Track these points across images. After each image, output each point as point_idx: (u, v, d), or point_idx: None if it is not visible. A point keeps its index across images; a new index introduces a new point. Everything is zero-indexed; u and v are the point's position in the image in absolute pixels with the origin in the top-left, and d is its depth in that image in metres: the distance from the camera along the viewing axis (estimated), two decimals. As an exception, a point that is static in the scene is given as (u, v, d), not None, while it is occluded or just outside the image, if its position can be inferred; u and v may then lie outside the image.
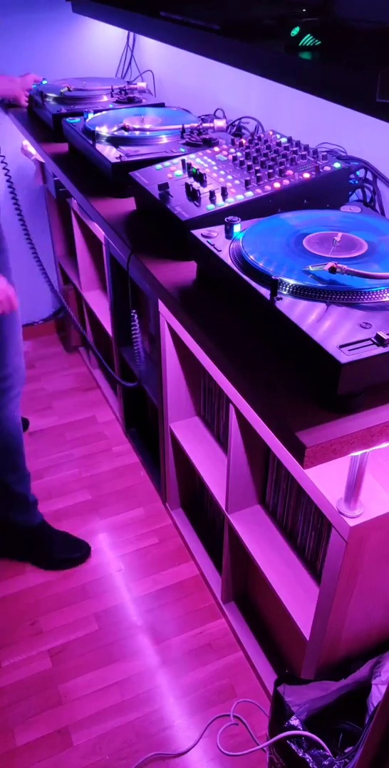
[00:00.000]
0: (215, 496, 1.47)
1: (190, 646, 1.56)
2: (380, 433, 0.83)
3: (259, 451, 1.34)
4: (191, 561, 1.77)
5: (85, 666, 1.52)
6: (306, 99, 1.60)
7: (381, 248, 1.01)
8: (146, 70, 2.44)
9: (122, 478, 2.06)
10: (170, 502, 1.88)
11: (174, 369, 1.58)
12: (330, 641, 1.12)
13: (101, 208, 1.49)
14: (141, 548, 1.82)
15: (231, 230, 1.09)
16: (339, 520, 0.96)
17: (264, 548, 1.34)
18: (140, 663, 1.53)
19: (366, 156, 1.44)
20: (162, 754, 1.36)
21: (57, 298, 2.41)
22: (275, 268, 0.95)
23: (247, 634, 1.56)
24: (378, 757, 0.78)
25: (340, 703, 1.19)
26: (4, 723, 1.41)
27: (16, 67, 2.26)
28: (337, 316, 0.85)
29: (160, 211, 1.30)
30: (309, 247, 1.01)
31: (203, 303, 1.10)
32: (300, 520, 1.29)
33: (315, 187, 1.27)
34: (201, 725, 1.40)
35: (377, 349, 0.79)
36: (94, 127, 1.65)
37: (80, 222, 2.18)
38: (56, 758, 1.35)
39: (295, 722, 1.08)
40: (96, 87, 2.07)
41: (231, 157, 1.39)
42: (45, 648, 1.56)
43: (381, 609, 1.14)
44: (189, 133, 1.65)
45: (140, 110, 1.85)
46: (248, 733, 1.39)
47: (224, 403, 1.52)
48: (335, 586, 1.02)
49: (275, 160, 1.34)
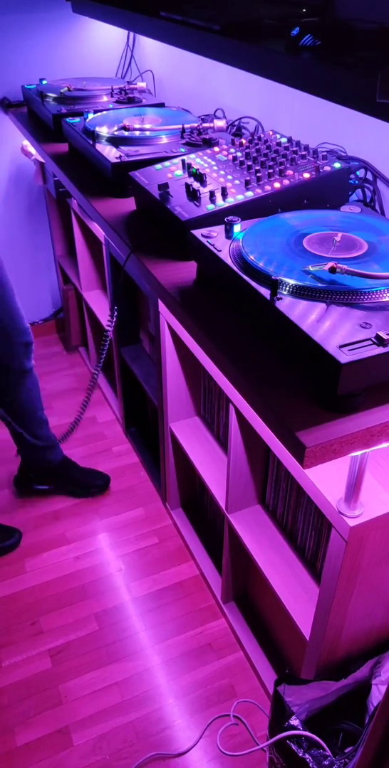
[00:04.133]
0: (215, 496, 1.47)
1: (190, 646, 1.56)
2: (380, 433, 0.83)
3: (259, 451, 1.34)
4: (191, 561, 1.77)
5: (85, 666, 1.52)
6: (306, 99, 1.60)
7: (381, 248, 1.01)
8: (146, 70, 2.44)
9: (122, 478, 2.06)
10: (170, 502, 1.88)
11: (174, 369, 1.58)
12: (330, 641, 1.12)
13: (100, 208, 1.49)
14: (141, 548, 1.82)
15: (231, 230, 1.09)
16: (339, 520, 0.96)
17: (264, 548, 1.34)
18: (140, 663, 1.53)
19: (366, 156, 1.44)
20: (162, 754, 1.36)
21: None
22: (275, 268, 0.95)
23: (247, 634, 1.56)
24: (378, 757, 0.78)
25: (340, 703, 1.19)
26: (4, 723, 1.41)
27: (15, 67, 2.26)
28: (337, 316, 0.85)
29: (160, 211, 1.30)
30: (309, 247, 1.01)
31: (203, 303, 1.10)
32: (300, 520, 1.29)
33: (315, 187, 1.27)
34: (201, 725, 1.40)
35: (377, 349, 0.79)
36: (94, 127, 1.65)
37: (80, 222, 2.18)
38: (56, 758, 1.35)
39: (295, 722, 1.08)
40: (96, 87, 2.07)
41: (231, 157, 1.39)
42: (45, 648, 1.56)
43: (381, 609, 1.14)
44: (189, 133, 1.65)
45: (140, 110, 1.85)
46: (248, 733, 1.39)
47: (224, 403, 1.52)
48: (335, 586, 1.02)
49: (275, 160, 1.34)
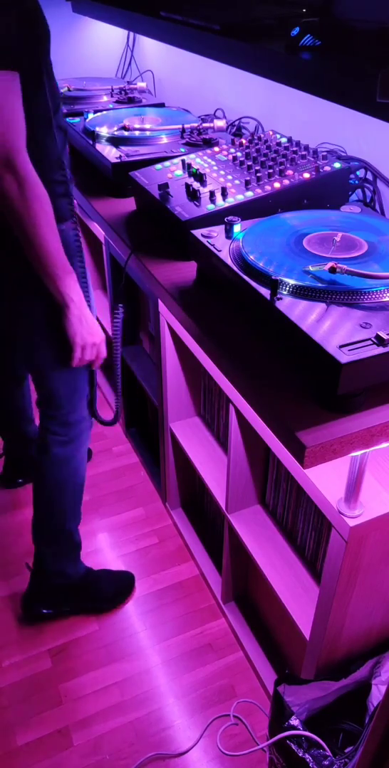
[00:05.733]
0: (215, 496, 1.47)
1: (190, 646, 1.56)
2: (380, 433, 0.83)
3: (259, 451, 1.34)
4: (191, 561, 1.77)
5: (85, 666, 1.52)
6: (306, 99, 1.60)
7: (381, 248, 1.01)
8: (146, 70, 2.44)
9: (122, 478, 2.06)
10: (170, 502, 1.88)
11: (174, 369, 1.57)
12: (330, 641, 1.12)
13: (100, 208, 1.49)
14: (141, 548, 1.82)
15: (231, 230, 1.09)
16: (339, 520, 0.96)
17: (264, 548, 1.34)
18: (140, 663, 1.53)
19: (366, 156, 1.44)
20: (162, 754, 1.36)
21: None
22: (275, 268, 0.95)
23: (247, 634, 1.56)
24: (378, 757, 0.78)
25: (340, 703, 1.19)
26: (4, 723, 1.41)
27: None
28: (337, 316, 0.85)
29: (160, 211, 1.30)
30: (309, 247, 1.01)
31: (203, 303, 1.10)
32: (300, 520, 1.29)
33: (315, 187, 1.27)
34: (201, 725, 1.40)
35: (377, 349, 0.79)
36: (95, 127, 1.65)
37: (80, 222, 2.18)
38: (56, 758, 1.35)
39: (295, 722, 1.08)
40: (96, 87, 2.07)
41: (231, 157, 1.39)
42: (45, 648, 1.56)
43: (381, 609, 1.14)
44: (189, 133, 1.65)
45: (140, 110, 1.85)
46: (248, 733, 1.39)
47: (224, 403, 1.52)
48: (335, 586, 1.02)
49: (275, 160, 1.34)
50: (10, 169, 1.02)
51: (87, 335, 1.23)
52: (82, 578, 1.61)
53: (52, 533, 1.50)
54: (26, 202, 1.05)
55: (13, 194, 1.04)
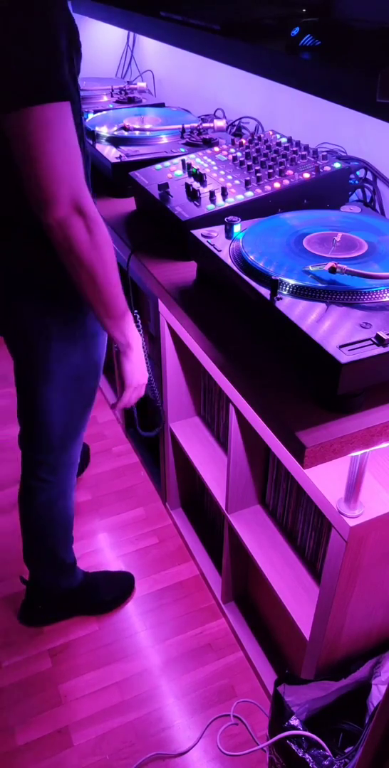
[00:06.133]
0: (215, 496, 1.47)
1: (190, 646, 1.56)
2: (380, 433, 0.83)
3: (259, 451, 1.34)
4: (191, 561, 1.77)
5: (85, 666, 1.52)
6: (306, 99, 1.60)
7: (381, 248, 1.01)
8: (146, 70, 2.44)
9: (122, 478, 2.06)
10: (170, 502, 1.88)
11: (174, 369, 1.57)
12: (330, 641, 1.12)
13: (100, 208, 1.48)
14: (141, 548, 1.82)
15: (231, 230, 1.09)
16: (339, 520, 0.96)
17: (264, 548, 1.34)
18: (140, 663, 1.53)
19: (366, 156, 1.44)
20: (162, 754, 1.36)
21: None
22: (275, 268, 0.95)
23: (247, 634, 1.56)
24: (378, 757, 0.78)
25: (340, 703, 1.19)
26: (4, 723, 1.41)
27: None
28: (337, 316, 0.85)
29: (160, 211, 1.30)
30: (309, 247, 1.01)
31: (203, 303, 1.10)
32: (300, 520, 1.29)
33: (315, 187, 1.27)
34: (201, 725, 1.40)
35: (377, 349, 0.79)
36: (95, 127, 1.65)
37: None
38: (56, 758, 1.35)
39: (295, 722, 1.08)
40: (96, 87, 2.07)
41: (231, 157, 1.39)
42: (45, 648, 1.56)
43: (381, 609, 1.14)
44: (189, 133, 1.65)
45: (140, 110, 1.85)
46: (248, 733, 1.39)
47: (224, 403, 1.52)
48: (335, 586, 1.02)
49: (275, 160, 1.34)
50: (80, 212, 0.90)
51: (140, 377, 1.16)
52: (80, 586, 1.58)
53: (43, 561, 1.49)
54: (97, 249, 0.93)
55: (82, 240, 0.91)
